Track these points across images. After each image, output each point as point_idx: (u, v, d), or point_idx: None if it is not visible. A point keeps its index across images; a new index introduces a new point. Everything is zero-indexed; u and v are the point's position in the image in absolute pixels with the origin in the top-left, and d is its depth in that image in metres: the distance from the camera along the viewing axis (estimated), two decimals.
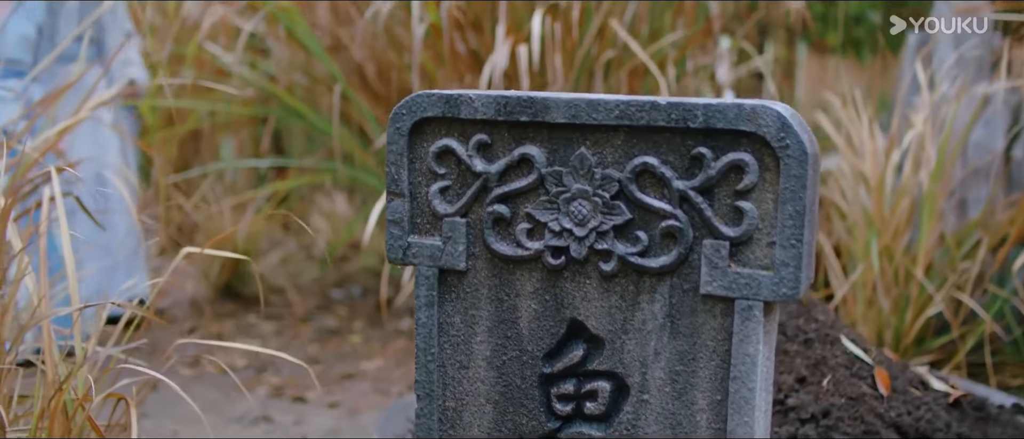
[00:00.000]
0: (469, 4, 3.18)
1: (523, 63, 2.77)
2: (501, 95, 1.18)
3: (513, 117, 1.17)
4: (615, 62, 3.21)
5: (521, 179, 1.19)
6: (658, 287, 1.16)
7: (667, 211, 1.13)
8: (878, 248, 2.98)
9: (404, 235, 1.26)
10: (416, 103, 1.22)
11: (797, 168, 1.07)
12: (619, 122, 1.13)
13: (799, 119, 1.11)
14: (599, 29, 3.09)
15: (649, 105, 1.11)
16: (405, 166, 1.24)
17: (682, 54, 3.29)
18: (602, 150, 1.15)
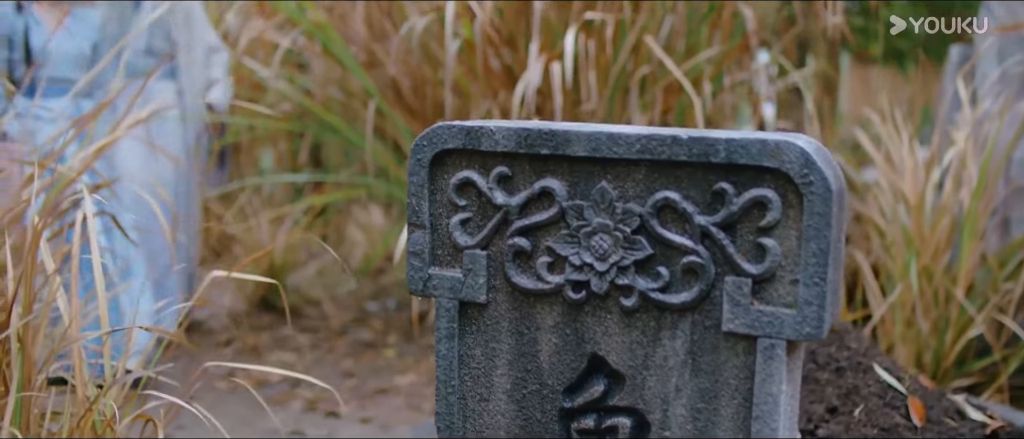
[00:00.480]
0: (503, 20, 3.18)
1: (556, 81, 2.76)
2: (522, 128, 1.17)
3: (534, 150, 1.16)
4: (650, 78, 3.19)
5: (542, 212, 1.18)
6: (680, 323, 1.14)
7: (688, 247, 1.11)
8: (917, 268, 2.93)
9: (425, 266, 1.25)
10: (437, 134, 1.21)
11: (821, 205, 1.04)
12: (640, 156, 1.11)
13: (824, 154, 1.09)
14: (634, 45, 3.07)
15: (671, 139, 1.10)
16: (426, 197, 1.23)
17: (718, 70, 3.26)
18: (623, 184, 1.14)
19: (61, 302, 1.77)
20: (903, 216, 3.05)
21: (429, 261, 1.25)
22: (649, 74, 3.18)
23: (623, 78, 3.13)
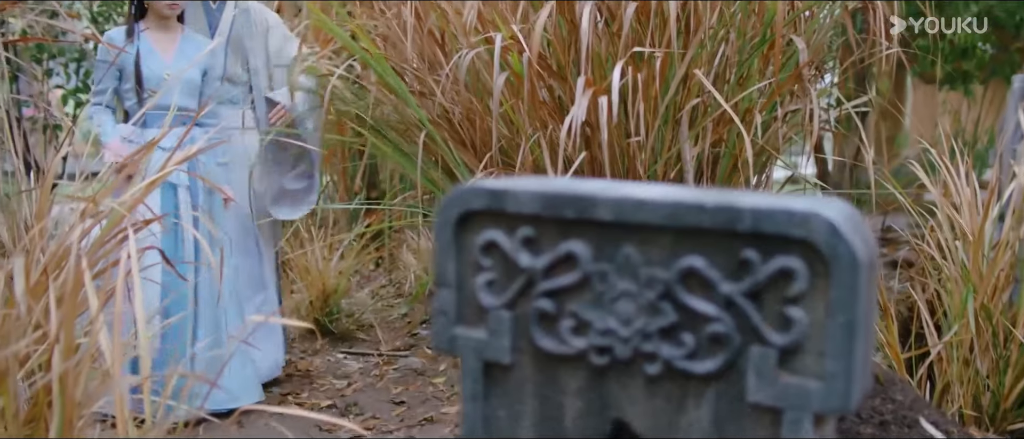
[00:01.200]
0: (552, 52, 3.18)
1: (603, 115, 2.74)
2: (546, 191, 1.16)
3: (558, 213, 1.15)
4: (701, 109, 3.16)
5: (566, 275, 1.17)
6: (705, 392, 1.12)
7: (713, 315, 1.09)
8: (975, 306, 2.85)
9: (450, 325, 1.25)
10: (462, 195, 1.21)
11: (848, 277, 1.02)
12: (666, 222, 1.10)
13: (854, 222, 1.06)
14: (683, 77, 3.04)
15: (696, 207, 1.08)
16: (452, 257, 1.23)
17: (771, 101, 3.22)
18: (648, 249, 1.12)
19: (103, 341, 1.81)
20: (961, 252, 2.98)
21: (455, 320, 1.25)
22: (699, 105, 3.15)
23: (673, 110, 3.11)
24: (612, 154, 3.08)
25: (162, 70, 3.47)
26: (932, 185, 3.13)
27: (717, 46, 3.22)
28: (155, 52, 3.49)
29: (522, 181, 1.21)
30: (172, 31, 3.55)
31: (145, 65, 3.45)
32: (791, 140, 3.65)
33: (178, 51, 3.53)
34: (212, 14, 3.79)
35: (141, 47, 3.46)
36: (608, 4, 3.09)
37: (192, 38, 3.60)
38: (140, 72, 3.45)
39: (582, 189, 1.16)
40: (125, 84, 3.49)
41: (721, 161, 3.27)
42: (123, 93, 3.53)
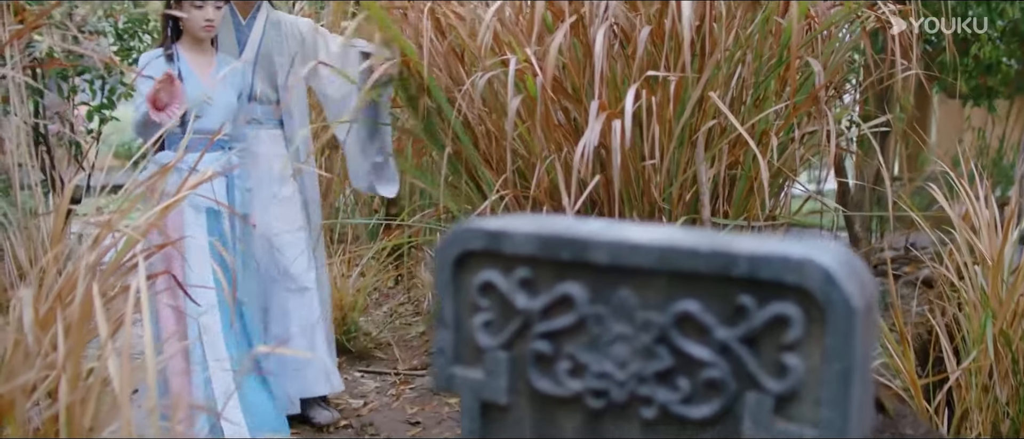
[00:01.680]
0: (567, 75, 3.17)
1: (616, 139, 2.74)
2: (542, 233, 1.16)
3: (554, 255, 1.15)
4: (717, 130, 3.15)
5: (563, 317, 1.16)
6: (701, 437, 1.11)
7: (709, 360, 1.08)
8: (994, 332, 2.81)
9: (448, 364, 1.25)
10: (460, 235, 1.21)
11: (844, 325, 1.01)
12: (660, 266, 1.09)
13: (852, 267, 1.05)
14: (699, 99, 3.03)
15: (690, 251, 1.07)
16: (450, 297, 1.23)
17: (788, 123, 3.20)
18: (644, 292, 1.12)
19: (112, 367, 1.82)
20: (979, 276, 2.95)
21: (453, 359, 1.24)
22: (715, 126, 3.13)
23: (688, 132, 3.09)
24: (627, 177, 3.07)
25: (202, 94, 3.36)
26: (950, 207, 3.10)
27: (734, 67, 3.21)
28: (194, 75, 3.39)
29: (519, 221, 1.21)
30: (207, 54, 3.45)
31: (186, 87, 3.31)
32: (808, 162, 3.63)
33: (215, 74, 3.43)
34: (241, 30, 3.68)
35: (181, 68, 3.37)
36: (623, 27, 3.09)
37: (227, 61, 3.49)
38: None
39: (578, 231, 1.15)
40: None
41: (738, 183, 3.26)
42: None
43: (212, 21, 3.36)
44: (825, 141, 3.18)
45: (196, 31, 3.37)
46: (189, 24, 3.37)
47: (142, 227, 2.35)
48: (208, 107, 3.33)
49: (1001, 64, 6.41)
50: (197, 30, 3.36)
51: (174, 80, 3.12)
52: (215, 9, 3.35)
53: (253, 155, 3.60)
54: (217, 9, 3.36)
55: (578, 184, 2.91)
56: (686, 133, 3.09)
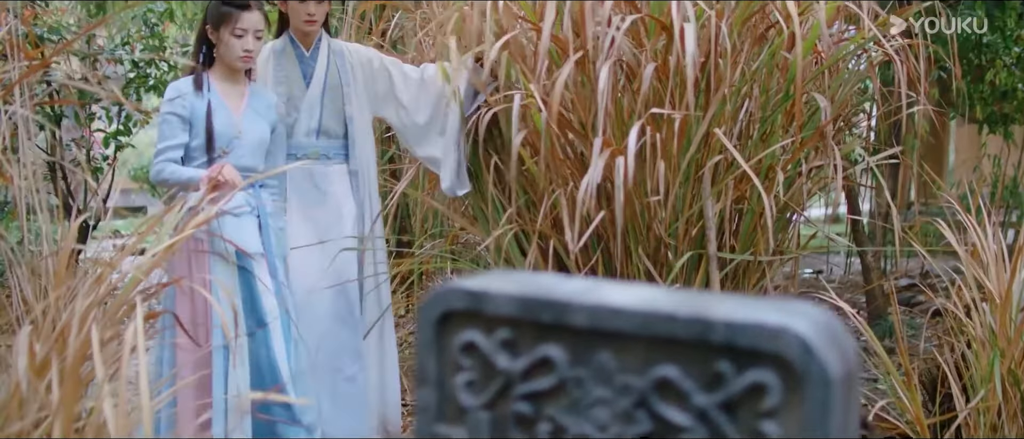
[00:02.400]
0: (573, 109, 3.18)
1: (620, 177, 2.74)
2: (523, 294, 1.16)
3: (535, 317, 1.15)
4: (723, 165, 3.14)
5: (544, 379, 1.16)
6: None
7: (687, 426, 1.08)
8: (1002, 371, 2.79)
9: (431, 423, 1.24)
10: (442, 295, 1.21)
11: (821, 394, 1.00)
12: (639, 331, 1.09)
13: (831, 334, 1.05)
14: (704, 134, 3.03)
15: (669, 317, 1.07)
16: (433, 356, 1.23)
17: (794, 158, 3.19)
18: (623, 356, 1.12)
19: (107, 411, 1.82)
20: (987, 314, 2.92)
21: (435, 417, 1.24)
22: (722, 161, 3.12)
23: (694, 167, 3.09)
24: (632, 212, 3.07)
25: (233, 127, 3.15)
26: (958, 244, 3.08)
27: (740, 101, 3.21)
28: (226, 107, 3.18)
29: (501, 281, 1.21)
30: (239, 84, 3.25)
31: (216, 120, 3.13)
32: (821, 189, 3.61)
33: (248, 107, 3.22)
34: (306, 63, 3.50)
35: (212, 100, 3.15)
36: (628, 62, 3.09)
37: (260, 93, 3.31)
38: (212, 128, 3.12)
39: (559, 293, 1.15)
40: (193, 140, 3.15)
41: (744, 218, 3.25)
42: (191, 151, 3.16)
43: (251, 53, 3.17)
44: (832, 175, 3.17)
45: (232, 61, 3.17)
46: (225, 53, 3.17)
47: (145, 266, 2.36)
48: (238, 142, 3.16)
49: (1017, 91, 6.38)
50: (233, 60, 3.17)
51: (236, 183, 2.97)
52: (255, 39, 3.16)
53: (322, 193, 3.47)
54: (257, 39, 3.17)
55: (584, 219, 2.91)
56: (692, 168, 3.09)
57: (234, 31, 3.13)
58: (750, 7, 3.10)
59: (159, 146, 3.15)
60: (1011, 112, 6.44)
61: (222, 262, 3.06)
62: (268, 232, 3.17)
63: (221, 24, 3.14)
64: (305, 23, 3.44)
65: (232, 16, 3.12)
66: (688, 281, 3.15)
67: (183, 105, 3.12)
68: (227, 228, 3.02)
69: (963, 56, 5.89)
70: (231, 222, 3.05)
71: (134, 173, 12.13)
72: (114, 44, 6.02)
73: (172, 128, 3.13)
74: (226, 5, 3.14)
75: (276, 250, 3.18)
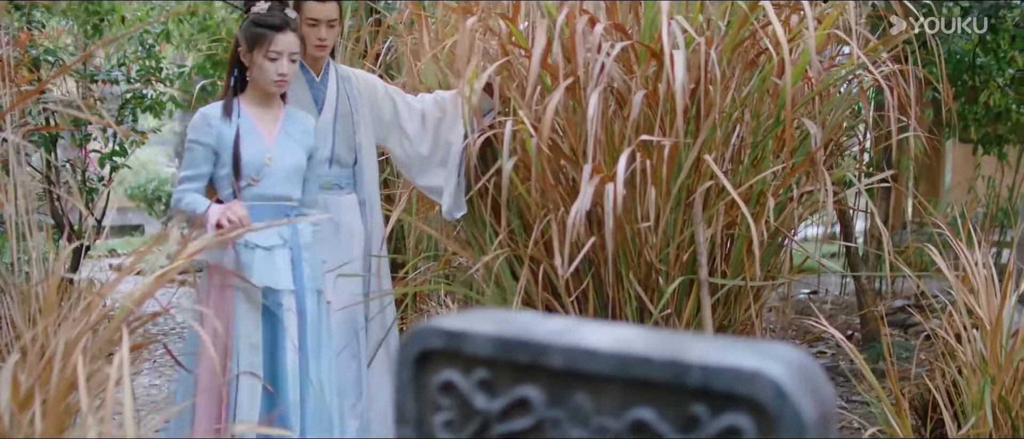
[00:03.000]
0: (564, 136, 3.19)
1: (609, 204, 2.75)
2: (501, 335, 1.16)
3: (512, 358, 1.15)
4: (714, 190, 3.14)
5: (521, 419, 1.16)
6: None
7: None
8: (993, 398, 2.79)
9: None
10: (421, 334, 1.21)
11: (795, 437, 1.00)
12: (615, 373, 1.09)
13: (806, 376, 1.05)
14: (695, 161, 3.04)
15: (644, 359, 1.07)
16: (412, 395, 1.23)
17: (785, 184, 3.19)
18: (600, 398, 1.12)
19: None
20: (978, 339, 2.92)
21: None
22: (713, 186, 3.13)
23: (685, 193, 3.10)
24: (623, 238, 3.07)
25: (263, 154, 2.99)
26: (948, 269, 3.08)
27: (732, 126, 3.22)
28: (257, 132, 3.01)
29: (479, 321, 1.21)
30: (273, 108, 3.08)
31: (245, 147, 2.97)
32: (809, 218, 3.62)
33: (281, 131, 3.06)
34: (316, 88, 3.41)
35: (241, 126, 2.99)
36: (618, 89, 3.10)
37: (295, 116, 3.13)
38: (239, 155, 2.96)
39: (536, 333, 1.15)
40: (221, 170, 3.00)
41: (735, 243, 3.25)
42: (219, 180, 3.02)
43: (285, 76, 3.01)
44: (823, 200, 3.18)
45: (266, 85, 3.02)
46: (259, 77, 3.02)
47: (136, 295, 2.36)
48: (269, 170, 3.00)
49: (1011, 112, 6.40)
50: (267, 84, 3.02)
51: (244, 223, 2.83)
52: (290, 63, 3.01)
53: (334, 225, 3.34)
54: (292, 63, 3.02)
55: (574, 244, 2.91)
56: (682, 194, 3.09)
57: (268, 54, 2.98)
58: (740, 33, 3.11)
59: (181, 175, 3.04)
60: (1005, 133, 6.46)
61: (246, 300, 2.93)
62: (301, 265, 3.00)
63: (255, 46, 2.99)
64: (316, 47, 3.35)
65: (266, 38, 2.98)
66: (679, 307, 3.16)
67: (209, 133, 2.98)
68: (257, 263, 2.91)
69: (957, 77, 5.92)
70: (261, 257, 2.93)
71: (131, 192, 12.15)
72: (110, 65, 6.04)
73: (194, 157, 2.99)
74: (260, 26, 3.00)
75: (308, 284, 3.01)
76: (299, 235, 3.00)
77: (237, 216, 2.82)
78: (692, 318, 3.16)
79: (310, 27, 3.32)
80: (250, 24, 3.02)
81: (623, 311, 3.18)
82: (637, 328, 1.18)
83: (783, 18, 3.21)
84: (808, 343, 5.20)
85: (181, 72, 6.79)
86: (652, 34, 3.07)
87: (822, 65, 3.17)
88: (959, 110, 6.43)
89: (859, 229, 6.71)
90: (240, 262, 2.90)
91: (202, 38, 7.65)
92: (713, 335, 2.98)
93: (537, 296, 3.31)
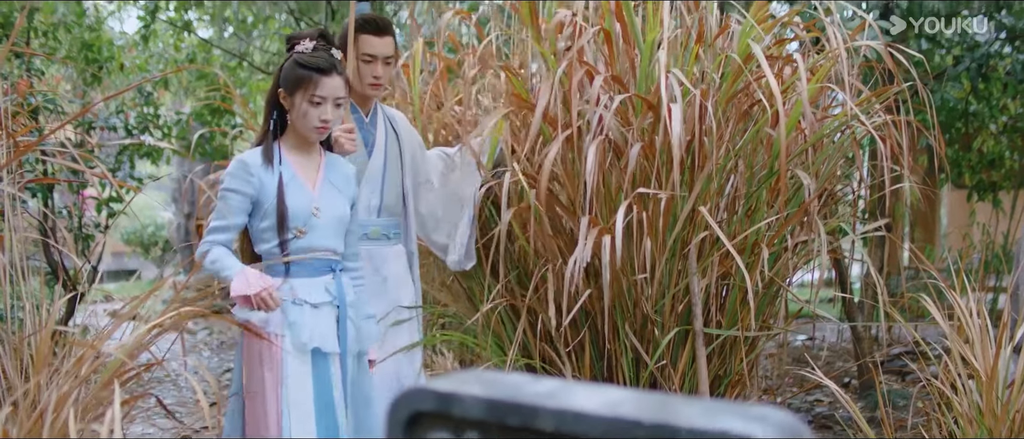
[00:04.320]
0: (562, 187, 3.21)
1: (606, 256, 2.76)
2: (491, 397, 1.16)
3: (502, 420, 1.15)
4: (709, 241, 3.16)
5: None
6: None
7: None
8: None
9: None
10: (411, 396, 1.21)
11: None
12: (605, 437, 1.09)
13: None
14: (690, 212, 3.05)
15: (633, 423, 1.07)
16: None
17: (780, 234, 3.21)
18: None
19: None
20: (973, 389, 2.92)
21: None
22: (708, 237, 3.14)
23: (680, 244, 3.11)
24: (620, 289, 3.08)
25: (310, 204, 2.72)
26: (943, 319, 3.08)
27: (726, 178, 3.23)
28: (299, 181, 2.74)
29: (470, 383, 1.21)
30: (314, 155, 2.82)
31: (290, 197, 2.70)
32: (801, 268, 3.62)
33: (324, 180, 2.79)
34: (366, 130, 3.18)
35: (284, 174, 2.72)
36: (615, 140, 3.12)
37: (336, 163, 2.87)
38: (284, 207, 2.68)
39: (526, 396, 1.15)
40: (262, 222, 2.71)
41: (730, 293, 3.26)
42: (258, 233, 2.74)
43: (329, 123, 2.74)
44: (817, 250, 3.19)
45: (307, 131, 2.74)
46: (299, 122, 2.74)
47: (128, 348, 2.36)
48: (316, 222, 2.73)
49: (1004, 158, 6.44)
50: (308, 131, 2.74)
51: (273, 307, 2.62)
52: (335, 108, 2.73)
53: (381, 279, 3.13)
54: (337, 107, 2.74)
55: (572, 295, 2.92)
56: (678, 245, 3.10)
57: (312, 98, 2.70)
58: (735, 86, 3.14)
59: (212, 223, 2.74)
60: (999, 180, 6.50)
61: (297, 362, 2.66)
62: (345, 325, 2.75)
63: (297, 89, 2.71)
64: (371, 86, 3.14)
65: (311, 81, 2.69)
66: (674, 357, 3.16)
67: (249, 182, 2.70)
68: (307, 321, 2.67)
69: (950, 125, 5.96)
70: (309, 315, 2.68)
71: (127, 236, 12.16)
72: (108, 111, 6.07)
73: (229, 207, 2.70)
74: (304, 68, 2.71)
75: (351, 346, 2.77)
76: (345, 292, 2.76)
77: (267, 302, 2.59)
78: (687, 369, 3.16)
79: (365, 63, 3.11)
80: (293, 65, 2.73)
81: (619, 362, 3.18)
82: (628, 391, 1.18)
83: (776, 70, 3.24)
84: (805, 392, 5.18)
85: (179, 119, 6.82)
86: (649, 86, 3.10)
87: (815, 116, 3.20)
88: (953, 157, 6.48)
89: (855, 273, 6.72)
90: (288, 320, 2.65)
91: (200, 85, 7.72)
92: (704, 396, 2.99)
93: (535, 347, 3.31)
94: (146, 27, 7.14)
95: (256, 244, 2.76)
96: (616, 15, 3.22)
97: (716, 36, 3.27)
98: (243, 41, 8.60)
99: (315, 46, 2.76)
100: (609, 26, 3.23)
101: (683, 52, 3.26)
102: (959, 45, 5.70)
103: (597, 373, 3.27)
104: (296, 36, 2.80)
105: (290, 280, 2.68)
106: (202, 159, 8.41)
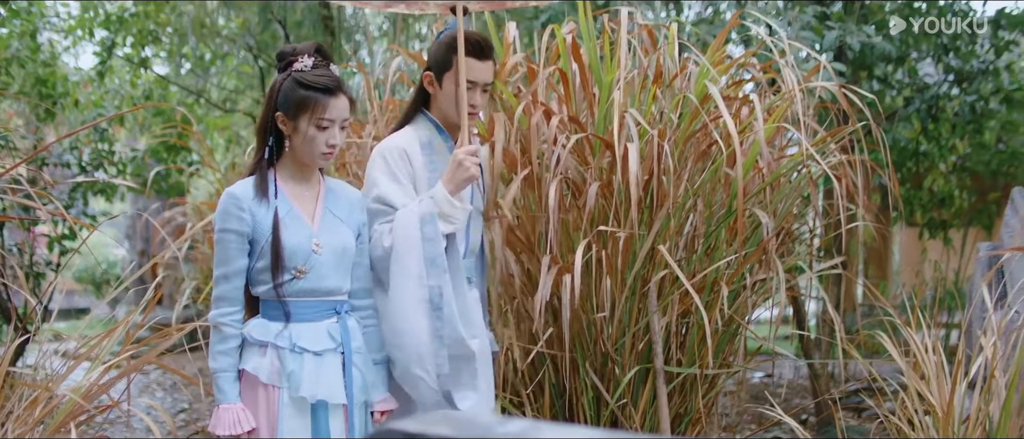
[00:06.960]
0: (521, 227, 3.22)
1: (566, 296, 2.77)
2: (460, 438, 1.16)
3: None
4: (669, 279, 3.18)
5: None
6: None
7: None
8: None
9: None
10: (381, 436, 1.21)
11: None
12: None
13: None
14: (649, 251, 3.07)
15: None
16: None
17: (739, 271, 3.24)
18: None
19: None
20: (930, 426, 2.96)
21: None
22: (667, 275, 3.17)
23: (640, 282, 3.13)
24: (580, 328, 3.08)
25: (309, 240, 2.43)
26: (899, 356, 3.12)
27: (684, 216, 3.26)
28: (296, 213, 2.45)
29: (440, 423, 1.21)
30: (313, 182, 2.52)
31: (287, 233, 2.41)
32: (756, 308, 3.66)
33: (324, 210, 2.50)
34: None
35: (280, 208, 2.43)
36: (573, 180, 3.14)
37: (336, 189, 2.57)
38: (280, 245, 2.40)
39: (496, 436, 1.15)
40: (257, 262, 2.43)
41: (690, 331, 3.28)
42: (253, 274, 2.45)
43: (335, 148, 2.46)
44: (775, 288, 3.23)
45: (313, 158, 2.46)
46: (302, 147, 2.45)
47: (82, 391, 2.32)
48: (317, 259, 2.43)
49: (954, 197, 6.57)
50: (314, 157, 2.46)
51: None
52: (341, 131, 2.46)
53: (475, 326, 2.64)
54: (342, 130, 2.46)
55: (532, 335, 2.92)
56: (637, 283, 3.12)
57: (319, 122, 2.41)
58: (692, 126, 3.18)
59: (215, 273, 2.46)
60: (949, 218, 6.62)
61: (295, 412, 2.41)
62: (350, 372, 2.47)
63: (300, 112, 2.41)
64: (469, 115, 2.64)
65: (317, 103, 2.40)
66: (635, 396, 3.16)
67: (241, 219, 2.40)
68: (306, 372, 2.40)
69: (902, 164, 6.08)
70: (310, 364, 2.41)
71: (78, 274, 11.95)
72: (62, 148, 5.99)
73: (228, 252, 2.41)
74: (307, 88, 2.41)
75: (358, 396, 2.49)
76: (350, 337, 2.48)
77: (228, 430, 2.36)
78: (648, 407, 3.17)
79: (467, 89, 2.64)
80: (294, 85, 2.42)
81: (580, 400, 3.18)
82: (595, 429, 1.18)
83: (734, 111, 3.29)
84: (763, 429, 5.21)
85: (134, 156, 6.75)
86: (606, 127, 3.13)
87: (772, 155, 3.24)
88: (905, 196, 6.60)
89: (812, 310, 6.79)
90: (285, 371, 2.39)
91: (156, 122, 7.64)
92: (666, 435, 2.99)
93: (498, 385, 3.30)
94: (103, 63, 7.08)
95: (253, 286, 2.47)
96: (573, 55, 3.25)
97: (673, 77, 3.32)
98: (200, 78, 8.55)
99: (314, 63, 2.46)
100: (565, 67, 3.27)
101: (640, 92, 3.30)
102: (909, 87, 5.83)
103: (557, 412, 3.26)
104: (291, 51, 2.49)
105: (290, 326, 2.41)
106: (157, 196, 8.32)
